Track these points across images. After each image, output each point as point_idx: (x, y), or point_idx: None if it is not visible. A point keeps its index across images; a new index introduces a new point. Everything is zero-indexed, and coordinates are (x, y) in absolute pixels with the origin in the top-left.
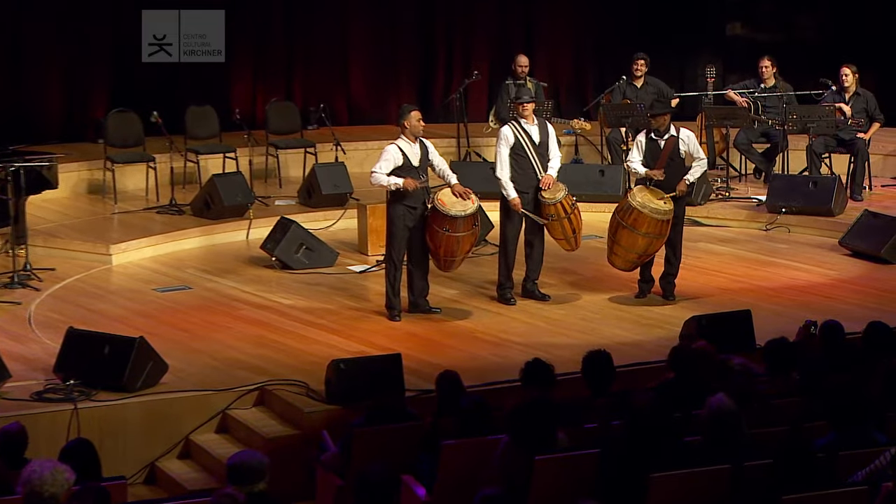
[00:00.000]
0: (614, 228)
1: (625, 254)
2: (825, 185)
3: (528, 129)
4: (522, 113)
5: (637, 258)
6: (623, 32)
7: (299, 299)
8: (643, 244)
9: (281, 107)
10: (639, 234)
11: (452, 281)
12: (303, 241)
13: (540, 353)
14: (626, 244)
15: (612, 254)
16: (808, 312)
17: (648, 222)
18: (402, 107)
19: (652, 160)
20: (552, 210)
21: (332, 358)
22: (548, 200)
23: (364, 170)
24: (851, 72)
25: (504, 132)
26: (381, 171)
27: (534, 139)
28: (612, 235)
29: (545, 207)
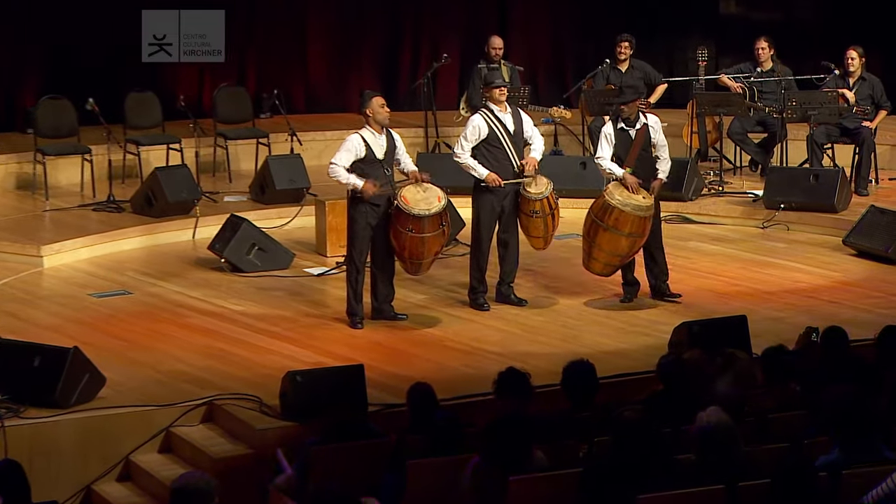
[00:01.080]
0: (592, 231)
1: (607, 258)
2: (827, 178)
3: (502, 118)
4: (495, 99)
5: (619, 261)
6: (606, 11)
7: (251, 305)
8: (626, 245)
9: (231, 93)
10: (622, 234)
11: (420, 285)
12: (255, 241)
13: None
14: (609, 248)
15: (590, 259)
16: (808, 318)
17: (632, 221)
18: (363, 93)
19: (623, 153)
20: (537, 206)
21: (287, 369)
22: (533, 195)
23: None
24: (857, 55)
25: (475, 121)
26: (341, 163)
27: (508, 128)
28: (589, 239)
29: (529, 202)
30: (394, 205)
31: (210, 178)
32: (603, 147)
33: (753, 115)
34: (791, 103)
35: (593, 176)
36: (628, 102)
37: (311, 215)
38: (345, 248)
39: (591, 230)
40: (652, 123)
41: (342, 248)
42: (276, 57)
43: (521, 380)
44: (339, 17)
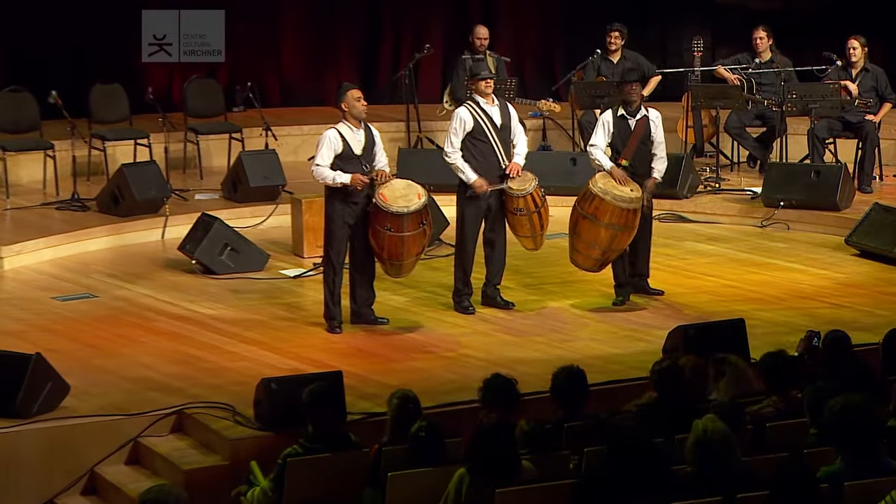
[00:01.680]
0: (574, 220)
1: (586, 249)
2: (829, 174)
3: (489, 111)
4: (481, 91)
5: (601, 255)
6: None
7: (224, 309)
8: (606, 237)
9: (202, 85)
10: (601, 224)
11: (401, 287)
12: (227, 241)
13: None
14: (588, 237)
15: (573, 251)
16: (810, 322)
17: (611, 211)
18: (340, 85)
19: (621, 144)
20: (521, 203)
21: (262, 376)
22: (516, 192)
23: (299, 158)
24: (860, 44)
25: (461, 114)
26: (324, 162)
27: (495, 122)
28: (572, 229)
29: (513, 200)
30: (372, 202)
31: (180, 174)
32: (598, 135)
33: (751, 109)
34: (791, 96)
35: (584, 172)
36: (632, 83)
37: (287, 214)
38: (322, 248)
39: (574, 220)
40: (653, 118)
41: (319, 248)
42: (249, 47)
43: (507, 387)
44: (316, 4)
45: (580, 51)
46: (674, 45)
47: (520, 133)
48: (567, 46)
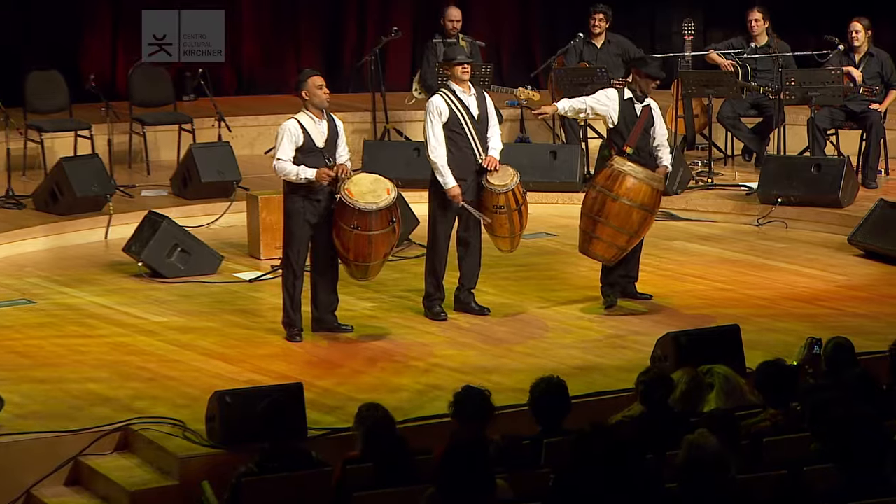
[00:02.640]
0: (598, 204)
1: (613, 236)
2: (831, 168)
3: (465, 101)
4: (457, 78)
5: (626, 242)
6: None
7: (173, 315)
8: (637, 220)
9: (149, 72)
10: (634, 205)
11: (367, 291)
12: (177, 241)
13: (476, 381)
14: (618, 222)
15: (593, 240)
16: (810, 328)
17: (644, 191)
18: (300, 71)
19: (626, 129)
20: (502, 200)
21: (215, 389)
22: (498, 188)
23: (255, 151)
24: (863, 27)
25: (435, 103)
26: (286, 156)
27: (472, 113)
28: (594, 215)
29: (493, 197)
30: (337, 199)
31: (125, 169)
32: (586, 100)
33: (747, 97)
34: (789, 83)
35: (565, 167)
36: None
37: (243, 212)
38: (281, 249)
39: (597, 204)
40: (655, 108)
41: (278, 249)
42: None
43: (480, 400)
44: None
45: (561, 34)
46: (663, 28)
47: (494, 126)
48: (547, 29)
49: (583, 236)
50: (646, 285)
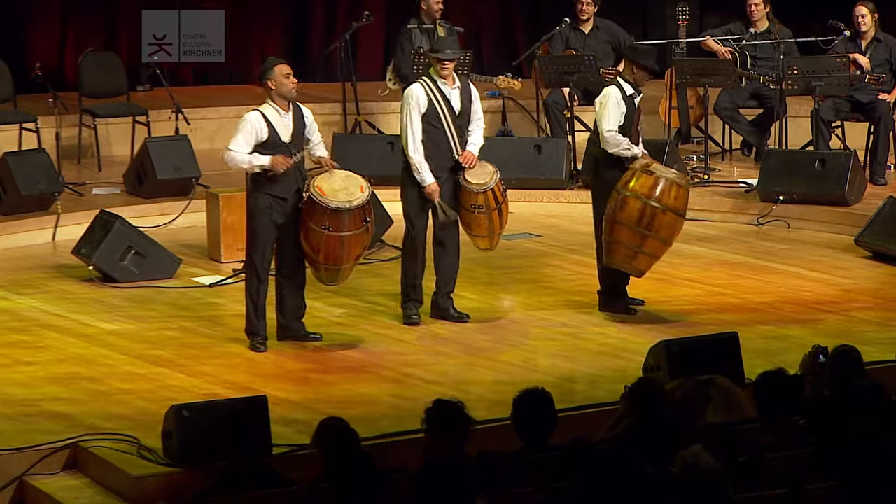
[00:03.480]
0: (647, 219)
1: (659, 249)
2: (836, 163)
3: (447, 93)
4: (441, 71)
5: (664, 254)
6: None
7: (126, 323)
8: (679, 229)
9: (100, 59)
10: (681, 216)
11: (337, 297)
12: (131, 243)
13: (455, 393)
14: (667, 234)
15: (637, 255)
16: (814, 335)
17: (686, 199)
18: (265, 60)
19: (628, 126)
20: (480, 200)
21: (172, 403)
22: (476, 187)
23: (215, 146)
24: (869, 11)
25: (415, 92)
26: (239, 147)
27: (453, 106)
28: (643, 228)
29: (470, 196)
30: (305, 197)
31: (74, 165)
32: (612, 116)
33: (746, 87)
34: (792, 72)
35: (551, 162)
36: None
37: (202, 211)
38: (244, 251)
39: (646, 218)
40: None
41: (240, 251)
42: None
43: (454, 413)
44: None
45: (546, 19)
46: (655, 13)
47: (478, 120)
48: (531, 14)
49: (621, 252)
50: (637, 290)
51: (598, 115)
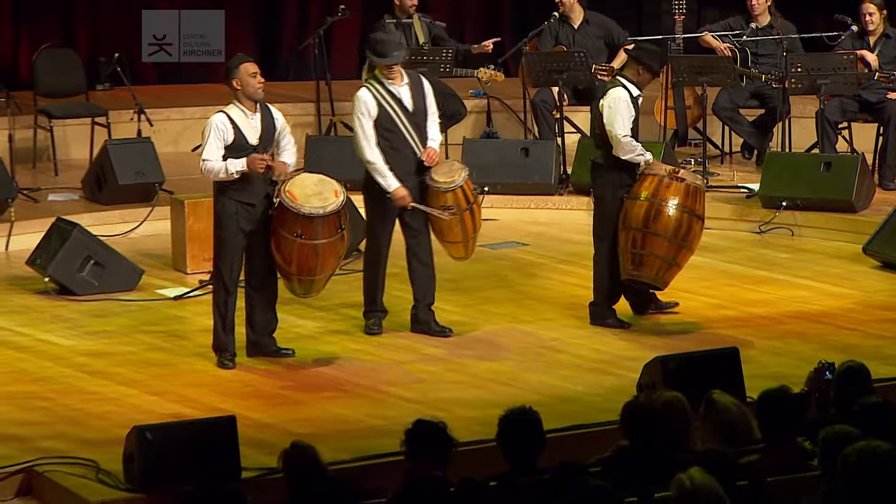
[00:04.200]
0: (684, 229)
1: (687, 258)
2: (843, 167)
3: (396, 92)
4: (388, 74)
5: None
6: None
7: (85, 339)
8: (699, 234)
9: (56, 56)
10: (700, 217)
11: (311, 309)
12: (90, 253)
13: (437, 413)
14: (696, 243)
15: (670, 267)
16: (820, 351)
17: (702, 200)
18: (231, 58)
19: (636, 129)
20: (449, 200)
21: (134, 423)
22: (442, 186)
23: (180, 148)
24: (876, 7)
25: (362, 98)
26: (213, 155)
27: (405, 105)
28: (680, 239)
29: (439, 197)
30: (275, 203)
31: (29, 169)
32: (626, 121)
33: (746, 86)
34: (795, 69)
35: (539, 166)
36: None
37: (166, 219)
38: (210, 261)
39: (683, 228)
40: None
41: (207, 261)
42: (116, 11)
43: (435, 433)
44: None
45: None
46: (650, 6)
47: (433, 114)
48: (517, 8)
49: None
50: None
51: (608, 120)
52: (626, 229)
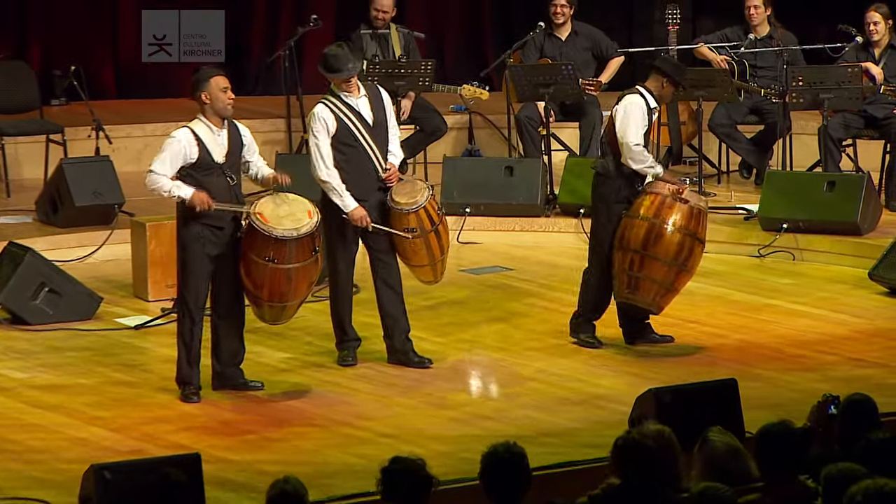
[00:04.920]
0: (686, 252)
1: (685, 282)
2: (847, 187)
3: (354, 104)
4: (345, 87)
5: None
6: None
7: (39, 371)
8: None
9: (7, 69)
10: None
11: (281, 339)
12: (44, 279)
13: (414, 449)
14: (696, 267)
15: (667, 293)
16: (823, 382)
17: (704, 223)
18: (198, 70)
19: (646, 143)
20: (412, 222)
21: (91, 462)
22: (404, 207)
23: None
24: (882, 17)
25: (319, 114)
26: (163, 170)
27: (365, 118)
28: (680, 263)
29: (400, 218)
30: (244, 225)
31: None
32: (639, 129)
33: (744, 101)
34: (796, 83)
35: (523, 185)
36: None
37: (127, 243)
38: (174, 288)
39: (684, 252)
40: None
41: (171, 288)
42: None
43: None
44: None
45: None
46: (642, 16)
47: (393, 128)
48: (501, 18)
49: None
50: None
51: (620, 126)
52: (624, 250)
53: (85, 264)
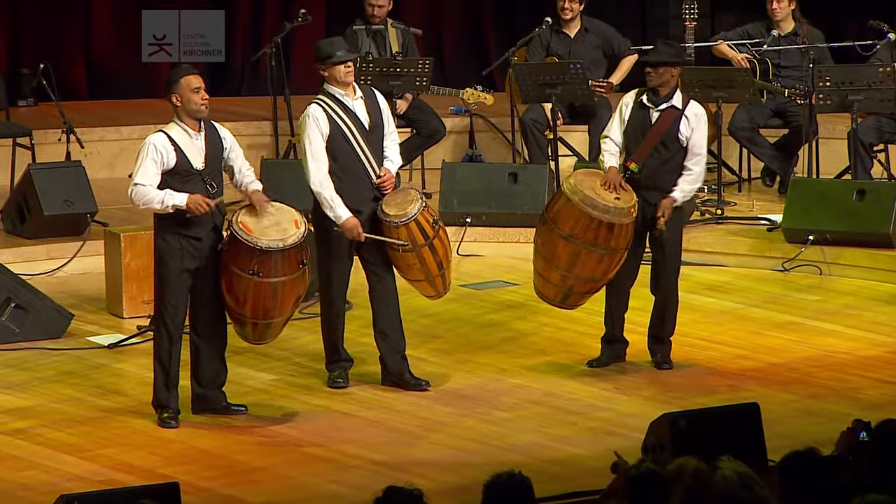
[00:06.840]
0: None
1: (545, 269)
2: (879, 195)
3: (351, 106)
4: (338, 79)
5: (561, 280)
6: None
7: (3, 394)
8: (565, 255)
9: None
10: (559, 234)
11: (266, 359)
12: (10, 295)
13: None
14: (545, 251)
15: (534, 272)
16: (854, 408)
17: (575, 218)
18: (172, 70)
19: (633, 142)
20: (403, 234)
21: (61, 493)
22: (394, 219)
23: (115, 174)
24: None
25: (312, 114)
26: (148, 180)
27: (361, 121)
28: (535, 241)
29: (390, 231)
30: (226, 237)
31: None
32: (614, 121)
33: (767, 102)
34: (823, 84)
35: (529, 192)
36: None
37: (99, 255)
38: (151, 304)
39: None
40: (690, 115)
41: (147, 304)
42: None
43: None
44: None
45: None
46: (657, 12)
47: (391, 133)
48: (504, 13)
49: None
50: (635, 350)
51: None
52: None
53: (55, 278)
